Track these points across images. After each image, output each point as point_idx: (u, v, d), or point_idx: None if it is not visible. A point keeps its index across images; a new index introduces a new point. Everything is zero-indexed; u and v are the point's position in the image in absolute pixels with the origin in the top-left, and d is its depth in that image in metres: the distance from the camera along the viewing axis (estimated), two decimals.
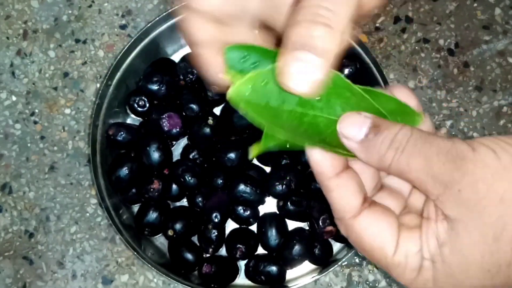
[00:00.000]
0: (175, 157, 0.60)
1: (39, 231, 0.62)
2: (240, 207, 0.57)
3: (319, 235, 0.54)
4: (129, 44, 0.57)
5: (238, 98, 0.24)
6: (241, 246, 0.56)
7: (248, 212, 0.57)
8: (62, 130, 0.64)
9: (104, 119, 0.57)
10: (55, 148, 0.64)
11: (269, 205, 0.59)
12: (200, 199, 0.57)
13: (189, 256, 0.56)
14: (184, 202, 0.60)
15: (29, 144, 0.64)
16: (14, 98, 0.65)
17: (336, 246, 0.59)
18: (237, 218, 0.58)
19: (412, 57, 0.65)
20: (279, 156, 0.58)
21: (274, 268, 0.56)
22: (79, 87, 0.65)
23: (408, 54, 0.65)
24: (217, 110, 0.60)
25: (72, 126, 0.64)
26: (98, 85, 0.65)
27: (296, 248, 0.55)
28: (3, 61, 0.66)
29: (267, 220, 0.57)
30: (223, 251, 0.58)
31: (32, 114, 0.65)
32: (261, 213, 0.58)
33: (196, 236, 0.58)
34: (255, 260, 0.57)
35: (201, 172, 0.57)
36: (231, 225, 0.58)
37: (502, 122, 0.63)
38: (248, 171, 0.58)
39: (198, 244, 0.58)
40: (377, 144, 0.24)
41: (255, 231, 0.58)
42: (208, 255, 0.58)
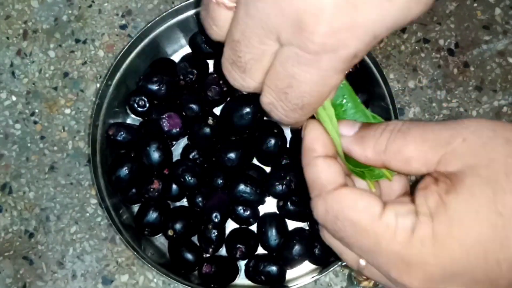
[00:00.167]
0: (175, 157, 0.59)
1: (39, 231, 0.62)
2: (240, 207, 0.57)
3: (319, 235, 0.54)
4: (129, 44, 0.57)
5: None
6: (241, 246, 0.56)
7: (248, 212, 0.57)
8: (62, 130, 0.64)
9: (104, 119, 0.57)
10: (55, 148, 0.64)
11: (269, 205, 0.59)
12: (200, 199, 0.57)
13: (189, 256, 0.56)
14: (184, 202, 0.60)
15: (29, 144, 0.64)
16: (14, 98, 0.65)
17: None
18: (237, 218, 0.58)
19: (412, 57, 0.65)
20: (279, 156, 0.58)
21: (274, 268, 0.56)
22: (79, 87, 0.65)
23: (408, 54, 0.65)
24: (217, 110, 0.60)
25: (72, 126, 0.64)
26: (98, 85, 0.65)
27: (296, 248, 0.55)
28: (3, 61, 0.66)
29: (267, 220, 0.57)
30: (223, 251, 0.58)
31: (32, 114, 0.65)
32: (261, 213, 0.58)
33: (196, 236, 0.58)
34: (255, 260, 0.57)
35: (201, 172, 0.57)
36: (231, 225, 0.58)
37: None
38: (248, 171, 0.58)
39: (198, 244, 0.58)
40: (370, 133, 0.26)
41: (255, 231, 0.58)
42: (208, 255, 0.58)
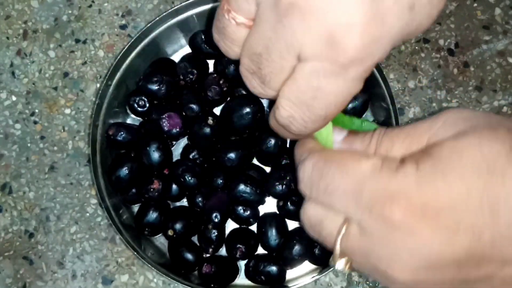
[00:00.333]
0: (175, 157, 0.59)
1: (39, 231, 0.62)
2: (240, 207, 0.57)
3: None
4: (129, 44, 0.57)
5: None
6: (241, 246, 0.56)
7: (248, 212, 0.57)
8: (62, 130, 0.64)
9: (104, 119, 0.57)
10: (55, 148, 0.64)
11: (269, 205, 0.59)
12: (200, 199, 0.57)
13: (189, 256, 0.56)
14: (184, 202, 0.60)
15: (29, 144, 0.64)
16: (14, 98, 0.65)
17: None
18: (237, 218, 0.58)
19: (412, 57, 0.65)
20: (279, 156, 0.58)
21: (274, 268, 0.56)
22: (79, 87, 0.65)
23: (408, 54, 0.65)
24: (217, 110, 0.60)
25: (72, 126, 0.64)
26: (98, 85, 0.65)
27: (296, 248, 0.55)
28: (3, 61, 0.66)
29: (267, 220, 0.57)
30: (223, 251, 0.58)
31: (32, 114, 0.65)
32: (261, 213, 0.58)
33: (196, 236, 0.58)
34: (255, 260, 0.57)
35: (201, 172, 0.57)
36: (231, 225, 0.58)
37: None
38: (248, 171, 0.58)
39: (198, 244, 0.58)
40: (359, 138, 0.27)
41: (255, 231, 0.58)
42: (208, 255, 0.58)
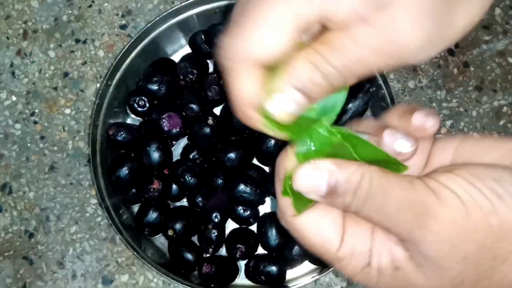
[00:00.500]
0: (175, 157, 0.60)
1: (39, 231, 0.62)
2: (240, 207, 0.57)
3: None
4: (129, 44, 0.57)
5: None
6: (241, 246, 0.56)
7: (248, 212, 0.57)
8: (62, 130, 0.64)
9: (104, 119, 0.57)
10: (55, 148, 0.64)
11: (269, 205, 0.59)
12: (200, 199, 0.57)
13: (189, 256, 0.56)
14: (184, 202, 0.60)
15: (29, 144, 0.64)
16: (14, 98, 0.65)
17: None
18: (237, 218, 0.58)
19: None
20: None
21: (274, 268, 0.56)
22: (79, 87, 0.65)
23: None
24: (217, 110, 0.60)
25: (72, 126, 0.64)
26: (98, 85, 0.65)
27: (296, 248, 0.55)
28: (3, 61, 0.66)
29: (267, 220, 0.57)
30: (223, 251, 0.58)
31: (32, 114, 0.65)
32: (261, 213, 0.58)
33: (196, 236, 0.58)
34: (255, 260, 0.57)
35: (201, 172, 0.57)
36: (231, 225, 0.58)
37: (502, 122, 0.63)
38: (248, 171, 0.58)
39: (198, 244, 0.58)
40: (339, 199, 0.23)
41: (255, 231, 0.58)
42: (208, 255, 0.58)
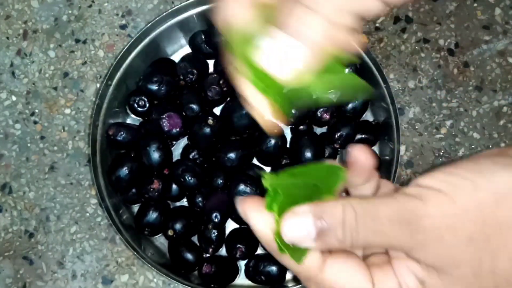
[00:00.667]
0: (175, 157, 0.59)
1: (39, 231, 0.62)
2: None
3: None
4: (129, 44, 0.57)
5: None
6: (241, 246, 0.56)
7: None
8: (62, 130, 0.64)
9: (104, 119, 0.57)
10: (55, 148, 0.64)
11: None
12: (200, 199, 0.57)
13: (189, 256, 0.56)
14: (184, 202, 0.60)
15: (29, 144, 0.64)
16: (14, 98, 0.65)
17: None
18: (237, 218, 0.58)
19: (412, 57, 0.65)
20: (279, 156, 0.58)
21: (274, 268, 0.56)
22: (79, 87, 0.65)
23: (408, 54, 0.65)
24: (217, 110, 0.60)
25: (72, 126, 0.64)
26: (98, 85, 0.65)
27: None
28: (3, 61, 0.66)
29: None
30: (223, 251, 0.58)
31: (32, 114, 0.65)
32: None
33: (196, 236, 0.58)
34: (255, 260, 0.57)
35: (201, 172, 0.57)
36: (231, 225, 0.58)
37: (502, 122, 0.63)
38: (248, 171, 0.58)
39: (198, 244, 0.58)
40: (331, 237, 0.23)
41: None
42: (208, 255, 0.58)
